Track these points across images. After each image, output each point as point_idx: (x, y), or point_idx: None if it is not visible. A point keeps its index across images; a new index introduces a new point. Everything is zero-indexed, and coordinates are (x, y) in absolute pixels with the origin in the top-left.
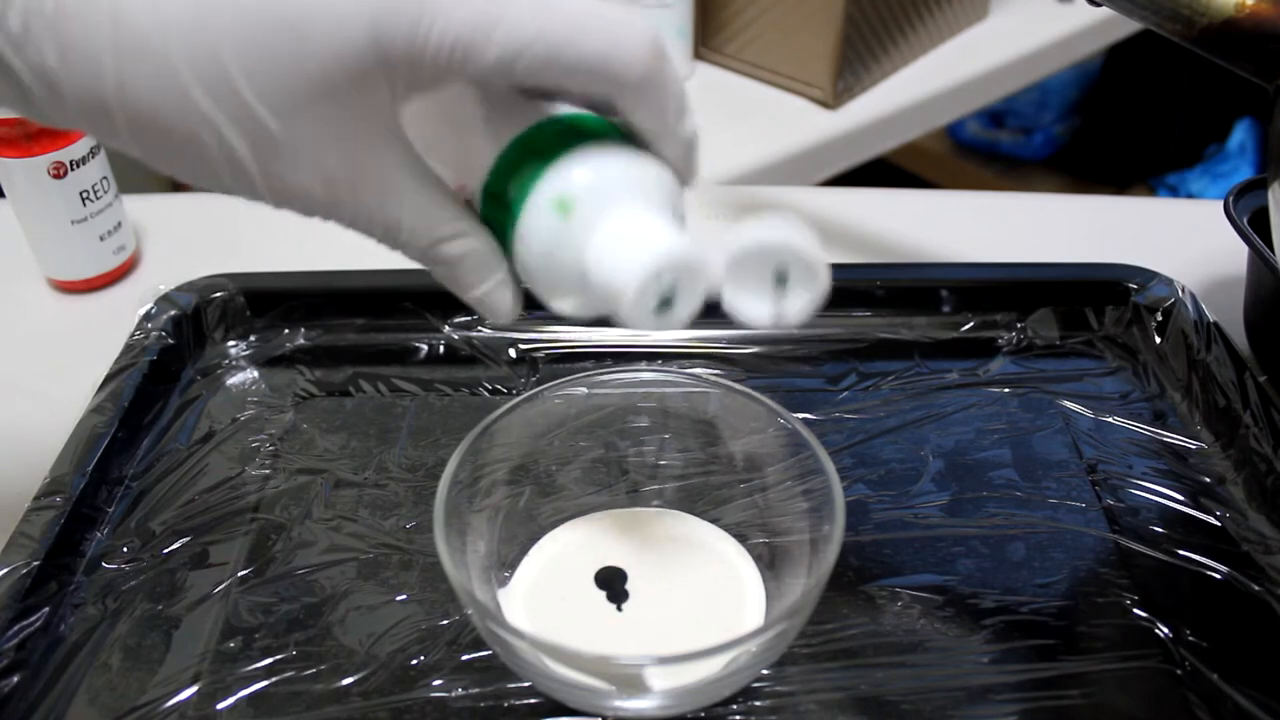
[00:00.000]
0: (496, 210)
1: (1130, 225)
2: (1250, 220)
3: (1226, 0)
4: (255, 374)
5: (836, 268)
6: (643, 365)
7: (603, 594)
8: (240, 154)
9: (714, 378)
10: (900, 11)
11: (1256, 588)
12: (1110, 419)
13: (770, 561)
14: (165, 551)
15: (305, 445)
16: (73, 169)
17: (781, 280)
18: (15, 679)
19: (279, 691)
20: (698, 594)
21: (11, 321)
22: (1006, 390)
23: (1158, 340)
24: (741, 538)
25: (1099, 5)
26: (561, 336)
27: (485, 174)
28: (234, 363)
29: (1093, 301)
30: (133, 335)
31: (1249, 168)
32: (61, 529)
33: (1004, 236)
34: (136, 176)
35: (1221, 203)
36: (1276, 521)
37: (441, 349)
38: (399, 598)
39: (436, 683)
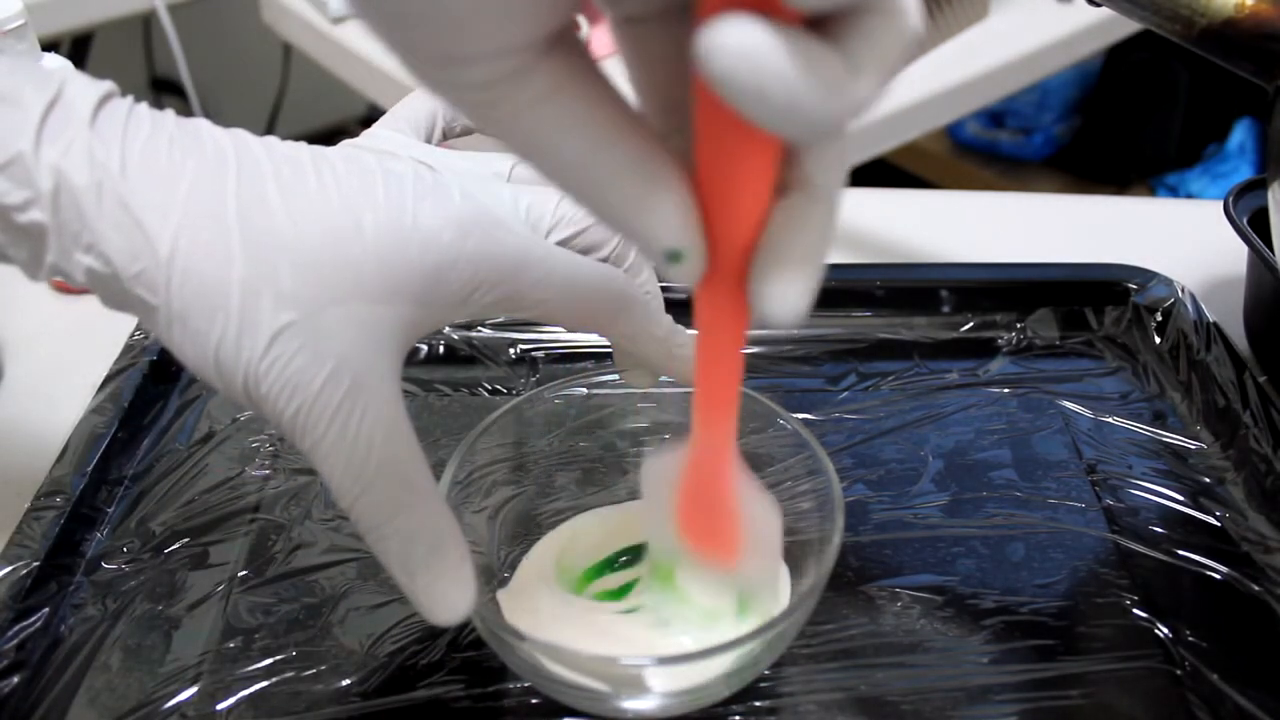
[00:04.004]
0: None
1: (1130, 225)
2: (1250, 220)
3: (1226, 0)
4: None
5: (836, 268)
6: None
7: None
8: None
9: None
10: None
11: (1256, 588)
12: (1110, 419)
13: None
14: (165, 552)
15: None
16: None
17: None
18: (15, 679)
19: (279, 691)
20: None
21: (12, 322)
22: (1006, 390)
23: (1157, 340)
24: None
25: (1099, 5)
26: (561, 337)
27: None
28: None
29: (1092, 302)
30: (133, 335)
31: (1249, 168)
32: (61, 529)
33: (1004, 236)
34: None
35: (1221, 203)
36: (1276, 521)
37: (441, 349)
38: (399, 598)
39: (436, 683)
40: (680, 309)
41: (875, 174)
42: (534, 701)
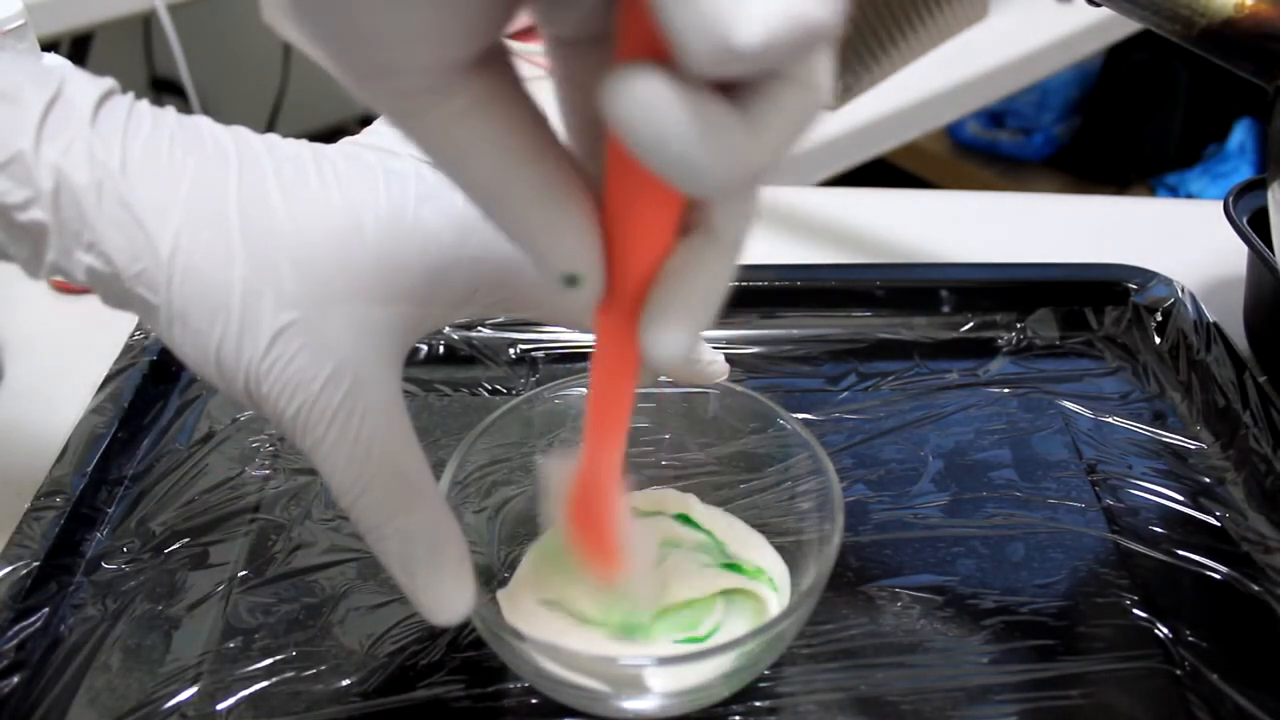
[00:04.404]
0: None
1: (1130, 225)
2: (1250, 220)
3: (1226, 0)
4: None
5: (836, 268)
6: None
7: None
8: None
9: None
10: (900, 11)
11: (1256, 588)
12: (1110, 419)
13: None
14: (165, 552)
15: None
16: None
17: None
18: (15, 679)
19: (279, 691)
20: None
21: (12, 322)
22: (1006, 390)
23: (1157, 340)
24: None
25: (1099, 5)
26: (561, 337)
27: None
28: None
29: (1092, 302)
30: (133, 335)
31: (1249, 168)
32: (61, 529)
33: (1004, 236)
34: None
35: (1221, 203)
36: (1276, 521)
37: (441, 349)
38: (399, 598)
39: (436, 683)
40: None
41: (875, 174)
42: (534, 701)
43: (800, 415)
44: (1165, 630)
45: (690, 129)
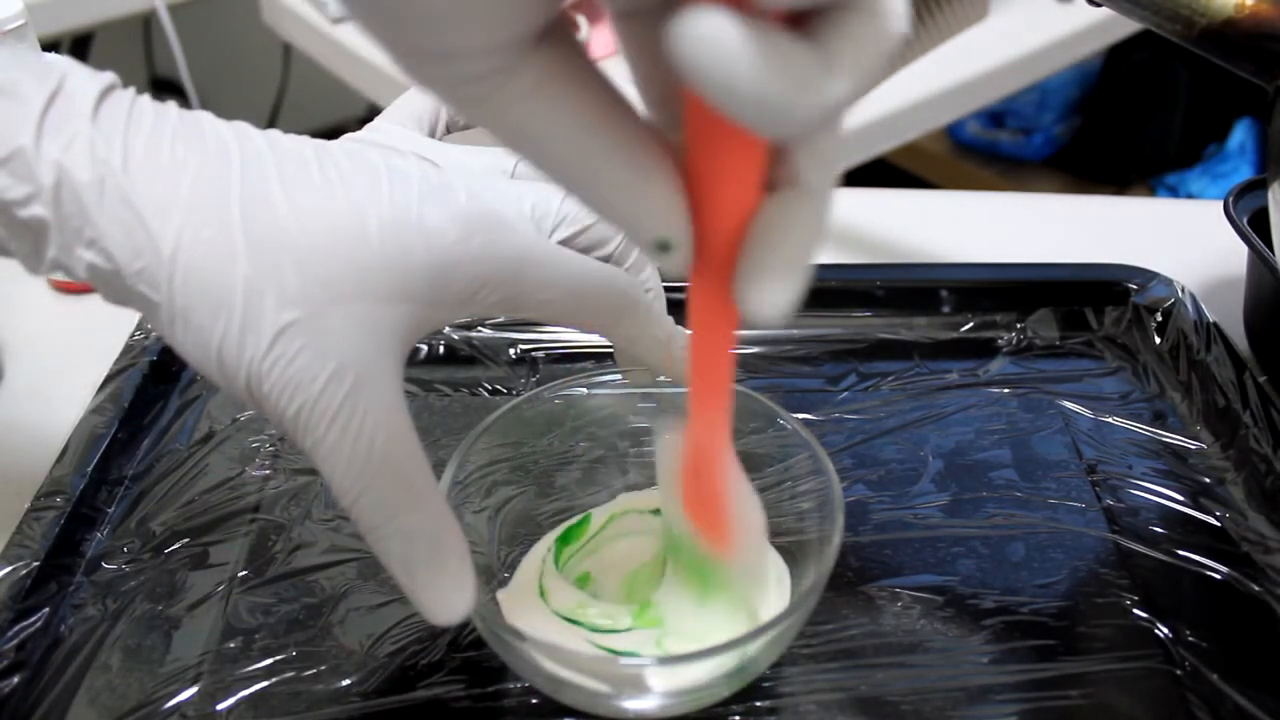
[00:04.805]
0: None
1: (1130, 225)
2: (1250, 220)
3: (1226, 0)
4: None
5: (836, 268)
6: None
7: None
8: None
9: None
10: None
11: (1256, 588)
12: (1110, 419)
13: None
14: (165, 552)
15: None
16: None
17: None
18: (15, 679)
19: (279, 691)
20: None
21: (11, 322)
22: (1006, 391)
23: (1157, 340)
24: None
25: (1099, 5)
26: (561, 337)
27: None
28: None
29: (1092, 302)
30: (133, 335)
31: (1249, 168)
32: (61, 529)
33: (1004, 236)
34: None
35: (1221, 203)
36: (1276, 521)
37: (441, 349)
38: (399, 598)
39: (436, 683)
40: (680, 309)
41: (875, 174)
42: (534, 701)
43: (800, 415)
44: (1165, 630)
45: (762, 65)
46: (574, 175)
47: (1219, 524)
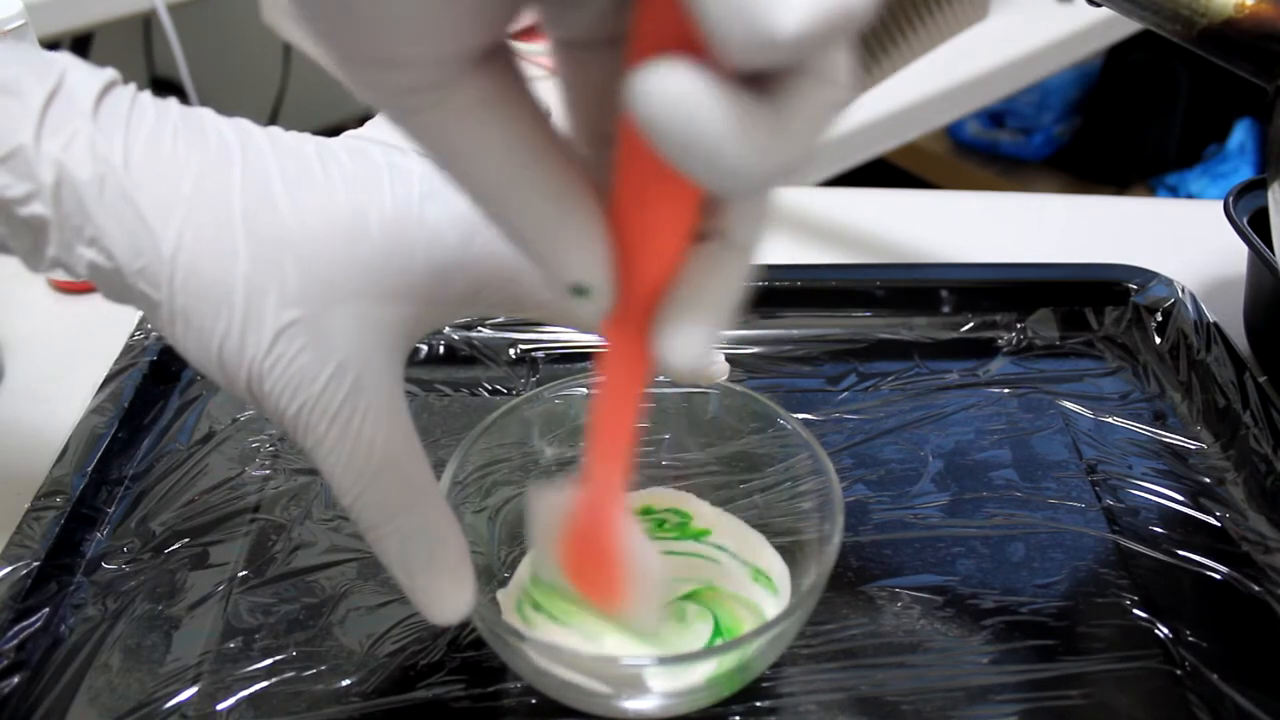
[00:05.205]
0: None
1: (1130, 225)
2: (1250, 220)
3: (1226, 0)
4: None
5: (836, 268)
6: None
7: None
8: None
9: None
10: (900, 11)
11: (1256, 588)
12: (1110, 419)
13: None
14: (165, 552)
15: None
16: None
17: None
18: (15, 679)
19: (279, 691)
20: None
21: (11, 322)
22: (1006, 391)
23: (1157, 340)
24: None
25: (1099, 5)
26: (561, 337)
27: None
28: None
29: (1092, 302)
30: (133, 335)
31: (1249, 168)
32: (61, 529)
33: (1004, 236)
34: None
35: (1221, 203)
36: (1276, 521)
37: (441, 349)
38: (399, 598)
39: (436, 683)
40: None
41: (875, 174)
42: (534, 701)
43: (800, 415)
44: (1165, 630)
45: (724, 124)
46: (496, 202)
47: (1219, 524)
